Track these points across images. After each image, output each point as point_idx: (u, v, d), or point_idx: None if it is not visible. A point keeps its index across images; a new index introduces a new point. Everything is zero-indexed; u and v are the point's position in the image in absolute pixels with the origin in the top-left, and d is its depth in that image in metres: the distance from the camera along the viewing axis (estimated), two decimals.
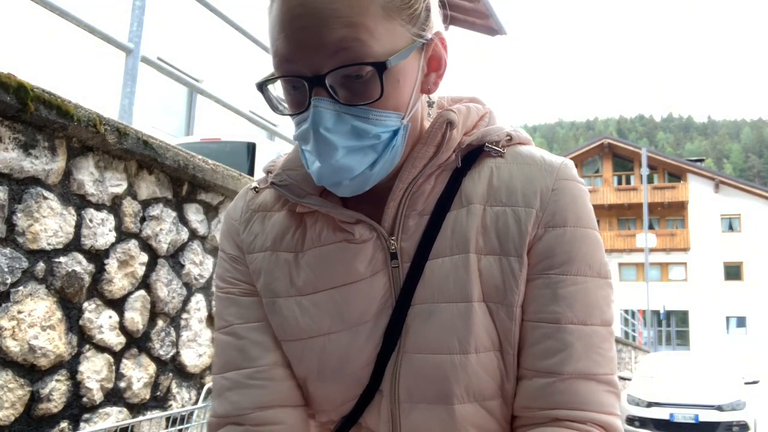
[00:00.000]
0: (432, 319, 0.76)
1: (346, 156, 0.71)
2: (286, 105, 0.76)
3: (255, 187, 0.89)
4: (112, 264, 2.27)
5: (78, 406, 2.11)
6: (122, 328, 2.32)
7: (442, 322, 0.75)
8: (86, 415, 2.14)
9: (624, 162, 35.08)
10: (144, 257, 2.43)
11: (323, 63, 0.69)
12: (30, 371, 1.94)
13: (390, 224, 0.79)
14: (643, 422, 8.95)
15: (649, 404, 9.09)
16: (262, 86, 0.76)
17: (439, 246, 0.78)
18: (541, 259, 0.76)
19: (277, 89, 0.77)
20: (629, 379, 10.48)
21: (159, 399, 2.50)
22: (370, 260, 0.79)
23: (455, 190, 0.80)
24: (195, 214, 2.73)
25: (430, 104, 0.86)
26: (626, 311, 22.80)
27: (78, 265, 2.12)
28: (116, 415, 2.27)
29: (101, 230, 2.22)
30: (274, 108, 0.77)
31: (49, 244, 2.01)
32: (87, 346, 2.16)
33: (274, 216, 0.86)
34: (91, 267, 2.18)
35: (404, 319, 0.77)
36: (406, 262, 0.78)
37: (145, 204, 2.45)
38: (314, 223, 0.82)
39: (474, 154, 0.82)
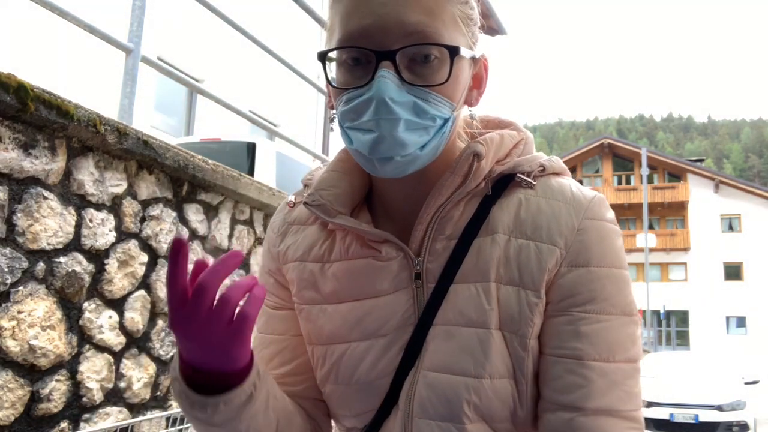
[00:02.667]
0: (451, 340, 0.78)
1: (405, 130, 0.73)
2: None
3: (291, 202, 0.94)
4: (112, 264, 2.27)
5: (78, 406, 2.11)
6: (122, 328, 2.32)
7: (460, 345, 0.77)
8: (86, 415, 2.14)
9: (624, 162, 35.09)
10: (144, 257, 2.43)
11: (396, 41, 0.72)
12: (30, 371, 1.94)
13: (417, 246, 0.81)
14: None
15: (649, 404, 9.09)
16: (324, 57, 0.77)
17: (464, 271, 0.79)
18: (564, 297, 0.77)
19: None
20: None
21: (159, 399, 2.50)
22: (394, 278, 0.82)
23: (483, 217, 0.81)
24: (195, 214, 2.73)
25: (473, 117, 0.88)
26: None
27: (78, 265, 2.12)
28: (116, 415, 2.27)
29: (101, 230, 2.22)
30: (331, 80, 0.78)
31: (49, 244, 2.01)
32: (87, 346, 2.16)
33: (308, 229, 0.90)
34: (91, 267, 2.18)
35: (425, 337, 0.79)
36: (431, 282, 0.80)
37: (145, 204, 2.45)
38: (344, 237, 0.86)
39: (505, 181, 0.82)
